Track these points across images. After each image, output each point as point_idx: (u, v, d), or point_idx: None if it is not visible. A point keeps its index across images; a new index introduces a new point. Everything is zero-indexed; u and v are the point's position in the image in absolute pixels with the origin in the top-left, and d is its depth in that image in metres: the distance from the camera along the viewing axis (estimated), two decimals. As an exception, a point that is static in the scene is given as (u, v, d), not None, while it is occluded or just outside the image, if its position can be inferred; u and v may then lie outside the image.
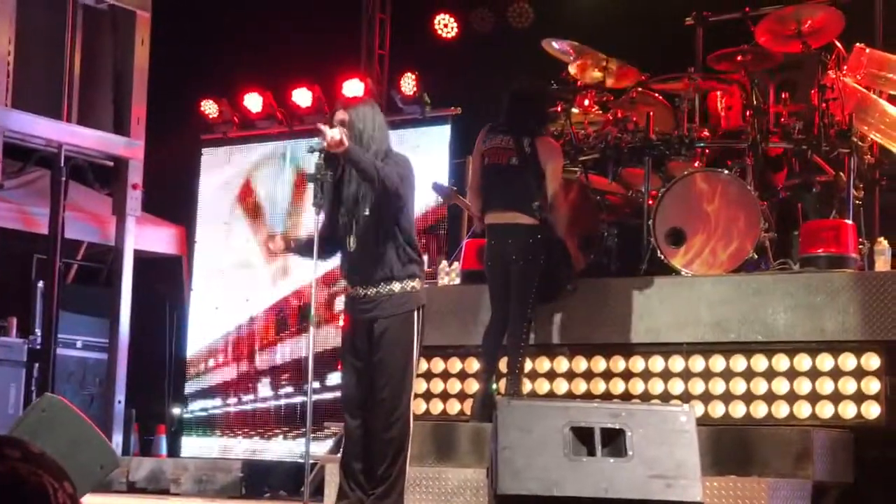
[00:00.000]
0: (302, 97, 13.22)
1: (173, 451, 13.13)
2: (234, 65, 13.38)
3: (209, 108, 13.62)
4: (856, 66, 8.99)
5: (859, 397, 7.49)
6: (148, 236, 13.03)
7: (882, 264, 8.04)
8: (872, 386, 7.47)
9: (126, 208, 12.18)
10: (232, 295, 13.47)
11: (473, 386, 8.37)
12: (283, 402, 13.01)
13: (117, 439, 11.78)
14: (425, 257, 7.78)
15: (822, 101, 8.58)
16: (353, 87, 12.89)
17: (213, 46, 13.32)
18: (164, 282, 13.79)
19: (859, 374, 7.50)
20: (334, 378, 11.32)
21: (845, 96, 8.68)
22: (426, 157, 12.20)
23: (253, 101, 13.45)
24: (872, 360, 7.49)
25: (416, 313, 6.55)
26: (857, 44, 9.06)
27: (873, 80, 9.01)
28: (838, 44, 8.99)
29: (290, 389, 12.96)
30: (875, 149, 8.95)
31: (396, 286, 6.50)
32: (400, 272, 6.50)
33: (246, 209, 13.35)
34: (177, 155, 13.56)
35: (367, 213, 6.45)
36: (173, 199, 13.69)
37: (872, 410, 7.44)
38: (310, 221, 8.99)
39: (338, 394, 8.63)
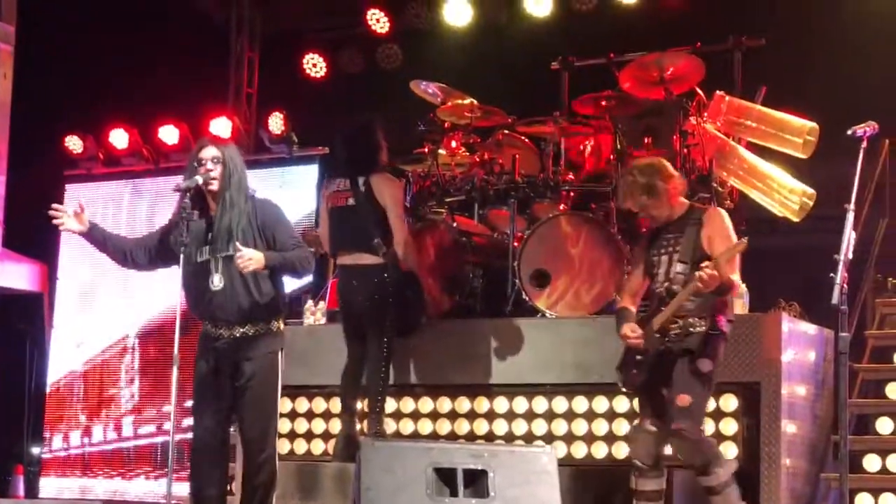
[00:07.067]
0: (169, 134, 13.14)
1: (31, 491, 12.87)
2: (100, 100, 13.21)
3: (73, 143, 13.45)
4: (716, 112, 9.20)
5: (717, 438, 7.61)
6: (8, 272, 12.79)
7: (739, 307, 8.19)
8: (730, 427, 7.60)
9: (-14, 244, 11.94)
10: (94, 332, 13.28)
11: (338, 426, 8.34)
12: (145, 441, 12.85)
13: (-27, 480, 11.52)
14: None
15: (684, 146, 8.75)
16: (220, 125, 12.84)
17: (78, 81, 13.13)
18: (25, 319, 13.54)
19: (717, 415, 7.62)
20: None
21: (706, 142, 8.87)
22: (293, 196, 12.19)
23: (118, 138, 13.32)
24: (730, 402, 7.62)
25: (280, 353, 6.48)
26: (718, 91, 9.27)
27: (732, 127, 9.23)
28: (699, 91, 9.19)
29: (152, 429, 12.79)
30: (735, 194, 9.14)
31: (265, 326, 6.41)
32: (266, 312, 6.41)
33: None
34: (40, 190, 13.29)
35: (235, 252, 6.21)
36: (35, 235, 13.45)
37: (730, 451, 7.56)
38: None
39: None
